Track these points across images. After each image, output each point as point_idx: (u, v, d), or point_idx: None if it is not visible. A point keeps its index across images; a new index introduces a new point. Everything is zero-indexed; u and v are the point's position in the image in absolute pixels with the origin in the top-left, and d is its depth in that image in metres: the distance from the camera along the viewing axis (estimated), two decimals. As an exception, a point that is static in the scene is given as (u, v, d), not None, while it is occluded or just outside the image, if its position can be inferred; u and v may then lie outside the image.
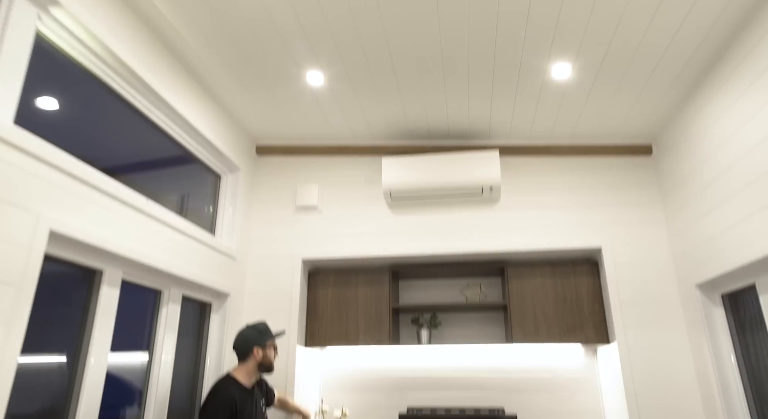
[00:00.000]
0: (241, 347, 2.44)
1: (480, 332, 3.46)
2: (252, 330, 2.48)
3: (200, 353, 2.88)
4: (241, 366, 2.44)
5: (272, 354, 2.49)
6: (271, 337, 2.50)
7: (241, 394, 2.34)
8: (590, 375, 3.26)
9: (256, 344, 2.44)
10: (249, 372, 2.43)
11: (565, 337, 3.02)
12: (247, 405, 2.34)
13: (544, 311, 3.09)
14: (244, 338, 2.46)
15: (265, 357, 2.45)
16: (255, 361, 2.43)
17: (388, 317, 3.22)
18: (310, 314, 3.32)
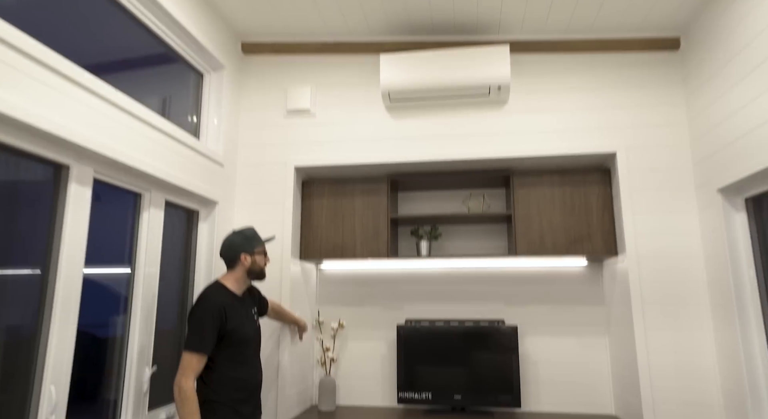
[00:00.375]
0: (228, 254, 2.30)
1: (482, 245, 3.33)
2: (238, 236, 2.32)
3: (189, 263, 2.76)
4: (230, 273, 2.31)
5: (262, 260, 2.36)
6: (260, 243, 2.35)
7: (230, 301, 2.22)
8: (594, 288, 3.17)
9: (243, 250, 2.30)
10: (238, 280, 2.30)
11: (571, 249, 2.89)
12: (237, 312, 2.23)
13: (551, 221, 2.93)
14: (230, 244, 2.31)
15: (253, 263, 2.31)
16: (243, 268, 2.30)
17: (386, 228, 3.07)
18: (305, 226, 3.17)
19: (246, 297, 2.37)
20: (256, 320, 2.38)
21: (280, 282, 2.96)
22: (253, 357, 2.28)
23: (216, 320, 2.11)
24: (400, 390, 3.10)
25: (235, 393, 2.16)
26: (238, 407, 2.16)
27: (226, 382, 2.15)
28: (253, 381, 2.25)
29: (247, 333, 2.24)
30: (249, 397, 2.22)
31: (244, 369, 2.21)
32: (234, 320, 2.19)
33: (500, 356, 3.03)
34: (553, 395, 3.11)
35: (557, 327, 3.17)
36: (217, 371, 2.15)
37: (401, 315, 3.35)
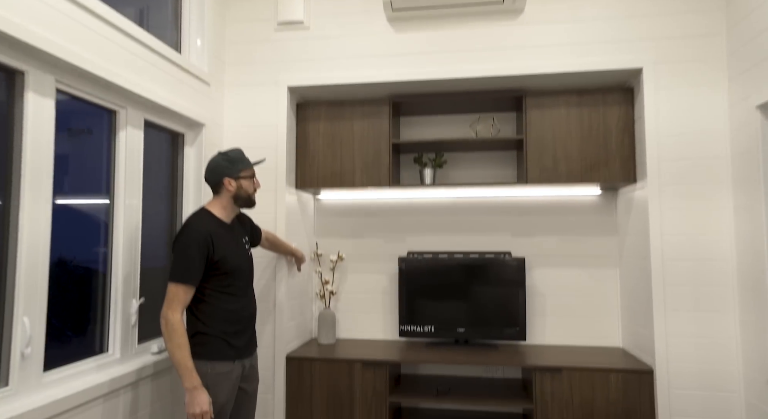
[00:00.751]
0: (211, 177, 2.09)
1: (489, 173, 3.13)
2: (222, 158, 2.10)
3: (176, 190, 2.56)
4: (216, 199, 2.12)
5: (250, 186, 2.13)
6: (246, 166, 2.12)
7: (217, 229, 2.04)
8: (607, 218, 3.00)
9: (227, 174, 2.08)
10: (225, 207, 2.11)
11: (586, 176, 2.69)
12: (225, 241, 2.06)
13: (565, 146, 2.71)
14: (214, 167, 2.09)
15: (239, 189, 2.10)
16: (228, 194, 2.09)
17: (387, 155, 2.85)
18: (300, 152, 2.95)
19: (236, 226, 2.19)
20: (247, 249, 2.21)
21: (274, 212, 2.78)
22: (246, 288, 2.13)
23: (202, 249, 1.94)
24: (402, 323, 3.00)
25: (227, 325, 2.03)
26: (230, 340, 2.03)
27: (217, 314, 2.01)
28: (245, 314, 2.11)
29: (238, 263, 2.08)
30: (242, 330, 2.09)
31: (235, 301, 2.07)
32: (222, 249, 2.02)
33: (506, 289, 2.91)
34: (559, 328, 3.01)
35: (566, 259, 3.03)
36: (207, 302, 2.00)
37: (403, 247, 3.20)
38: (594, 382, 2.49)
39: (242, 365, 2.10)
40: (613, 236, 2.99)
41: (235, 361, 2.05)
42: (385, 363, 2.65)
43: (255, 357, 2.23)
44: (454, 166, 3.16)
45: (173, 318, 1.86)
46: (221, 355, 2.00)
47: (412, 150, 3.08)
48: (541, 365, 2.53)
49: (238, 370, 2.07)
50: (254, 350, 2.21)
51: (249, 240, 2.32)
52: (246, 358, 2.12)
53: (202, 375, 1.94)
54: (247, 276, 2.16)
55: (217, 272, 2.00)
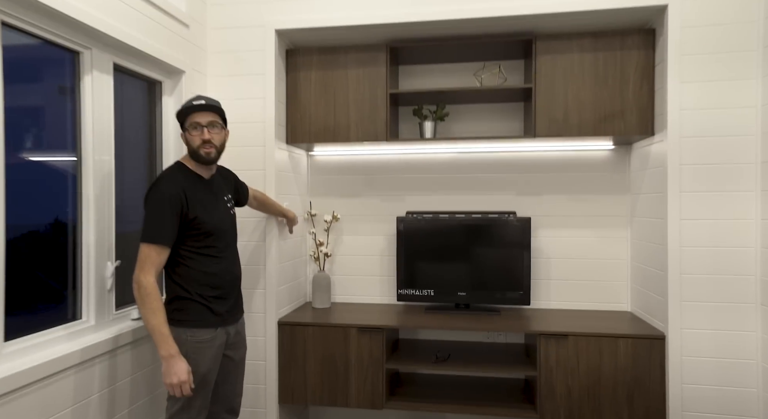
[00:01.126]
0: None
1: (495, 126, 2.91)
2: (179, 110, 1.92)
3: (154, 144, 2.36)
4: None
5: (193, 138, 1.85)
6: (182, 115, 1.88)
7: (192, 184, 1.85)
8: (619, 175, 2.80)
9: (181, 127, 1.89)
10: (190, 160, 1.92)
11: (599, 129, 2.47)
12: (201, 197, 1.87)
13: (578, 96, 2.49)
14: (177, 116, 1.91)
15: (187, 142, 1.88)
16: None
17: (385, 106, 2.63)
18: (291, 104, 2.73)
19: (216, 181, 2.00)
20: (229, 208, 2.03)
21: (263, 170, 2.58)
22: (227, 249, 1.96)
23: (174, 206, 1.75)
24: (400, 286, 2.85)
25: (207, 289, 1.87)
26: (212, 305, 1.87)
27: (196, 277, 1.85)
28: (228, 277, 1.94)
29: (217, 223, 1.90)
30: (225, 294, 1.93)
31: (216, 263, 1.89)
32: (198, 207, 1.83)
33: (510, 250, 2.75)
34: (565, 292, 2.86)
35: (574, 219, 2.85)
36: (185, 265, 1.84)
37: (402, 207, 3.02)
38: (602, 348, 2.35)
39: (226, 332, 1.95)
40: (625, 195, 2.80)
41: (218, 328, 1.90)
42: (382, 328, 2.51)
43: (241, 323, 2.08)
44: (457, 119, 2.94)
45: (146, 281, 1.69)
46: (202, 322, 1.85)
47: (412, 102, 2.86)
48: (546, 330, 2.39)
49: (222, 338, 1.92)
50: (240, 316, 2.06)
51: (233, 198, 2.13)
52: (230, 325, 1.97)
53: (181, 342, 1.79)
54: (229, 237, 1.98)
55: (194, 232, 1.82)
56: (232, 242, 2.01)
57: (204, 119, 1.84)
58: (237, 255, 2.06)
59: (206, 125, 1.84)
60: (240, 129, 2.60)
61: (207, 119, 1.85)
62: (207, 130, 1.84)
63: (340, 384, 2.55)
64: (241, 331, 2.08)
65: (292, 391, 2.59)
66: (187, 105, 1.86)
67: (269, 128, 2.57)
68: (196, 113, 1.84)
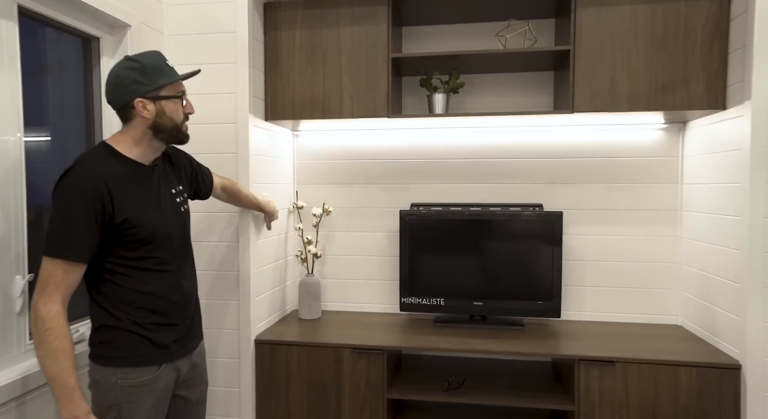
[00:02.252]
0: (115, 97, 1.36)
1: (518, 101, 2.41)
2: (130, 67, 1.35)
3: (91, 119, 1.85)
4: (125, 130, 1.40)
5: (177, 110, 1.40)
6: (169, 78, 1.38)
7: (122, 174, 1.34)
8: (668, 161, 2.31)
9: (137, 92, 1.34)
10: (138, 141, 1.39)
11: (655, 101, 1.97)
12: (136, 191, 1.36)
13: (629, 60, 1.98)
14: (116, 80, 1.35)
15: (160, 115, 1.37)
16: (144, 123, 1.37)
17: (386, 73, 2.12)
18: (271, 71, 2.22)
19: (161, 169, 1.49)
20: (179, 204, 1.52)
21: (235, 153, 2.08)
22: (175, 260, 1.46)
23: (90, 206, 1.25)
24: (404, 294, 2.36)
25: (145, 314, 1.38)
26: (153, 335, 1.39)
27: (129, 299, 1.36)
28: (175, 297, 1.45)
29: (158, 227, 1.40)
30: (172, 319, 1.44)
31: (157, 279, 1.40)
32: (130, 205, 1.34)
33: (536, 251, 2.26)
34: (601, 300, 2.39)
35: (612, 213, 2.36)
36: (113, 283, 1.35)
37: (406, 198, 2.52)
38: (658, 379, 1.87)
39: (175, 369, 1.46)
40: (675, 185, 2.31)
41: (162, 365, 1.41)
42: (383, 349, 2.03)
43: (199, 354, 1.60)
44: (472, 92, 2.43)
45: (44, 310, 1.21)
46: (138, 358, 1.37)
47: (418, 70, 2.34)
48: (587, 355, 1.91)
49: (169, 377, 1.44)
50: (197, 344, 1.57)
51: (188, 190, 1.63)
52: (182, 358, 1.49)
53: (109, 388, 1.33)
54: (178, 244, 1.48)
55: (125, 240, 1.33)
56: (182, 250, 1.51)
57: (185, 88, 1.45)
58: (191, 266, 1.56)
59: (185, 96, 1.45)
60: (205, 102, 2.09)
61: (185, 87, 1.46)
62: (188, 101, 1.45)
63: (331, 417, 2.08)
64: (199, 363, 1.59)
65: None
66: (171, 72, 1.40)
67: (242, 101, 2.06)
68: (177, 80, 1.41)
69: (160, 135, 1.39)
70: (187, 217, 1.57)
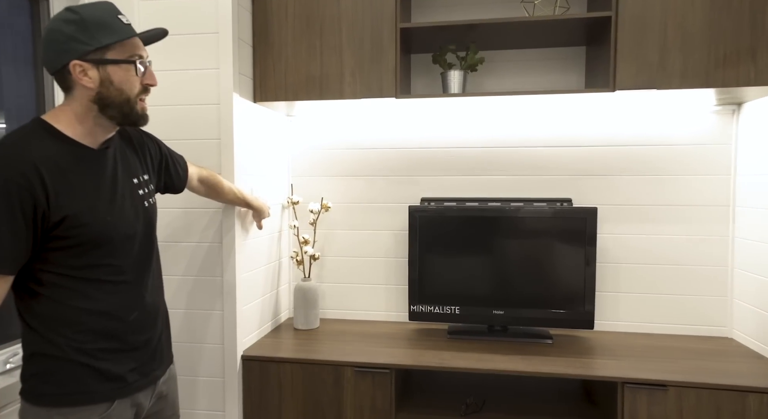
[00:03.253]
0: (48, 57, 1.05)
1: (544, 80, 2.10)
2: (65, 21, 1.03)
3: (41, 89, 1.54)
4: (65, 103, 1.09)
5: (129, 78, 1.08)
6: (118, 35, 1.05)
7: (64, 159, 1.04)
8: (720, 150, 2.00)
9: (74, 54, 1.02)
10: (80, 117, 1.07)
11: (714, 76, 1.66)
12: (81, 180, 1.07)
13: (684, 26, 1.67)
14: (50, 36, 1.04)
15: (106, 84, 1.05)
16: (85, 93, 1.05)
17: (393, 46, 1.82)
18: (260, 43, 1.91)
19: (116, 153, 1.18)
20: (142, 197, 1.22)
21: (218, 139, 1.78)
22: (135, 268, 1.17)
23: (17, 198, 0.96)
24: (414, 301, 2.07)
25: (92, 339, 1.09)
26: (102, 364, 1.10)
27: (70, 319, 1.07)
28: (134, 316, 1.15)
29: (109, 226, 1.10)
30: (130, 344, 1.15)
31: (111, 294, 1.11)
32: (76, 197, 1.04)
33: (564, 253, 1.97)
34: (638, 309, 2.09)
35: (652, 210, 2.06)
36: (49, 298, 1.05)
37: (415, 192, 2.22)
38: (720, 406, 1.57)
39: (134, 404, 1.17)
40: (727, 176, 2.00)
41: (115, 401, 1.11)
42: (389, 368, 1.74)
43: (169, 380, 1.30)
44: (491, 71, 2.13)
45: None
46: (82, 395, 1.08)
47: (429, 46, 2.04)
48: (634, 378, 1.61)
49: (125, 415, 1.14)
50: (163, 372, 1.27)
51: (155, 181, 1.33)
52: (144, 390, 1.19)
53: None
54: (140, 248, 1.19)
55: (67, 243, 1.03)
56: (144, 256, 1.21)
57: (144, 52, 1.12)
58: (156, 275, 1.27)
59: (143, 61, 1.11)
60: (181, 79, 1.78)
61: (145, 51, 1.13)
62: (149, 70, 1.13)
63: (330, 446, 1.79)
64: (168, 393, 1.30)
65: (261, 454, 1.83)
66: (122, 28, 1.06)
67: (226, 78, 1.76)
68: (135, 39, 1.10)
69: (107, 111, 1.08)
70: (153, 213, 1.26)
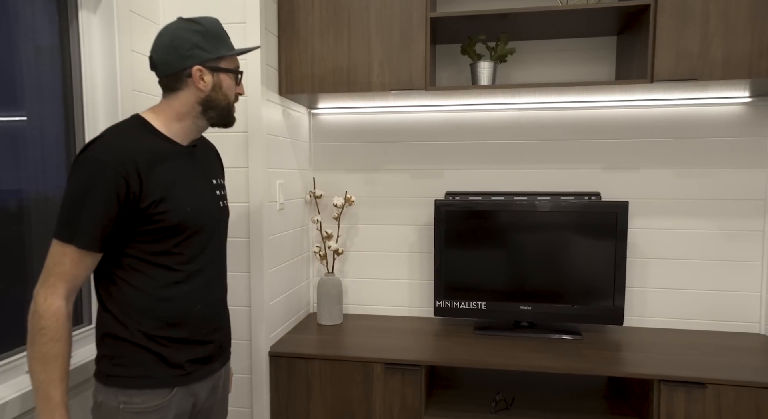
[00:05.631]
0: (168, 60, 1.10)
1: (573, 71, 2.05)
2: (191, 29, 1.09)
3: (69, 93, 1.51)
4: (167, 101, 1.13)
5: (232, 86, 1.17)
6: (231, 50, 1.15)
7: (158, 151, 1.09)
8: (755, 143, 1.96)
9: (200, 58, 1.09)
10: (182, 115, 1.14)
11: (758, 66, 1.62)
12: (170, 171, 1.10)
13: (727, 13, 1.62)
14: (175, 43, 1.09)
15: (216, 88, 1.13)
16: (195, 94, 1.12)
17: (423, 36, 1.78)
18: (285, 35, 1.87)
19: (201, 153, 1.24)
20: (219, 198, 1.25)
21: (246, 132, 1.75)
22: (205, 261, 1.19)
23: (113, 183, 1.01)
24: (439, 296, 2.04)
25: (156, 324, 1.11)
26: (165, 351, 1.12)
27: (139, 304, 1.09)
28: (198, 308, 1.16)
29: (196, 214, 1.13)
30: (194, 334, 1.16)
31: (181, 282, 1.13)
32: (164, 185, 1.08)
33: (593, 247, 1.93)
34: (668, 305, 2.06)
35: (683, 204, 2.02)
36: (126, 282, 1.08)
37: (440, 186, 2.18)
38: (761, 407, 1.54)
39: (192, 393, 1.17)
40: (762, 169, 1.96)
41: (176, 388, 1.13)
42: (419, 365, 1.72)
43: (221, 376, 1.29)
44: (521, 62, 2.08)
45: (44, 306, 0.99)
46: (146, 379, 1.10)
47: (455, 36, 1.99)
48: (670, 375, 1.58)
49: (183, 404, 1.16)
50: (223, 364, 1.27)
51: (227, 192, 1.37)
52: (202, 380, 1.19)
53: (109, 413, 1.08)
54: (213, 243, 1.22)
55: (151, 227, 1.07)
56: (216, 252, 1.23)
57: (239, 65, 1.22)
58: (224, 269, 1.28)
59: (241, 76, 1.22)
60: (208, 71, 1.75)
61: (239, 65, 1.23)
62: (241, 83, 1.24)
63: (359, 443, 1.77)
64: (222, 387, 1.30)
65: (289, 451, 1.82)
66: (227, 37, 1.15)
67: (253, 71, 1.73)
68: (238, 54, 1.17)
69: (208, 113, 1.15)
70: (226, 214, 1.30)
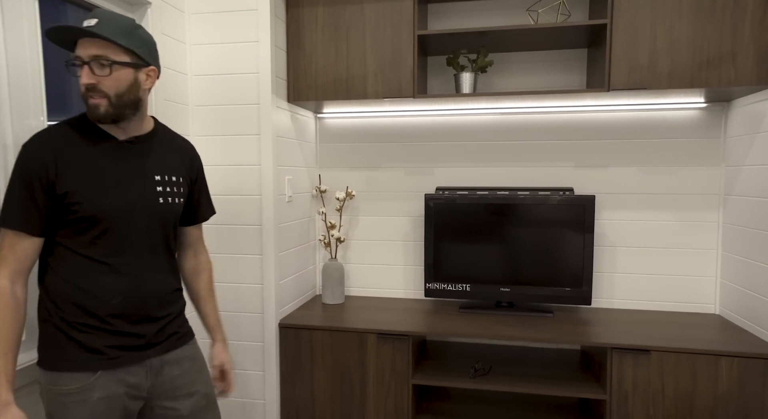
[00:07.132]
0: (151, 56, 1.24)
1: (548, 80, 2.31)
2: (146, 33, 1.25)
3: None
4: None
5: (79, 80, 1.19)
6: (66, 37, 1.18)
7: (80, 143, 1.20)
8: (710, 144, 2.19)
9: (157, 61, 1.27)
10: None
11: (699, 77, 1.86)
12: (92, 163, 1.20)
13: (672, 32, 1.86)
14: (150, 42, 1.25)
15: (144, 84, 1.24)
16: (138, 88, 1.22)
17: (411, 52, 2.05)
18: (293, 50, 2.16)
19: (148, 148, 1.30)
20: (162, 193, 1.30)
21: (258, 135, 2.04)
22: (131, 255, 1.25)
23: (35, 172, 1.15)
24: (429, 279, 2.31)
25: (76, 314, 1.19)
26: (83, 337, 1.20)
27: (65, 292, 1.19)
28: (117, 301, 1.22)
29: (111, 206, 1.20)
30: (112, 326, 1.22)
31: (101, 275, 1.21)
32: (80, 176, 1.17)
33: (565, 237, 2.18)
34: (633, 288, 2.30)
35: (647, 198, 2.26)
36: (54, 271, 1.20)
37: (431, 182, 2.46)
38: (696, 369, 1.79)
39: (122, 381, 1.23)
40: (717, 168, 2.19)
41: (100, 372, 1.20)
42: (408, 334, 1.99)
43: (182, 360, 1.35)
44: (501, 72, 2.34)
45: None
46: (64, 362, 1.19)
47: (444, 49, 2.26)
48: (621, 343, 1.84)
49: (111, 388, 1.21)
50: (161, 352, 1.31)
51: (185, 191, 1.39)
52: (129, 368, 1.25)
53: (43, 394, 1.21)
54: (142, 237, 1.27)
55: (70, 218, 1.18)
56: (147, 246, 1.28)
57: (86, 52, 1.15)
58: (165, 267, 1.33)
59: (88, 61, 1.15)
60: (227, 83, 2.05)
61: (90, 51, 1.15)
62: (89, 68, 1.15)
63: (356, 402, 2.05)
64: (184, 371, 1.34)
65: (296, 409, 2.11)
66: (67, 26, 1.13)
67: (264, 81, 2.02)
68: (81, 41, 1.16)
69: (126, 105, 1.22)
70: (168, 212, 1.31)
